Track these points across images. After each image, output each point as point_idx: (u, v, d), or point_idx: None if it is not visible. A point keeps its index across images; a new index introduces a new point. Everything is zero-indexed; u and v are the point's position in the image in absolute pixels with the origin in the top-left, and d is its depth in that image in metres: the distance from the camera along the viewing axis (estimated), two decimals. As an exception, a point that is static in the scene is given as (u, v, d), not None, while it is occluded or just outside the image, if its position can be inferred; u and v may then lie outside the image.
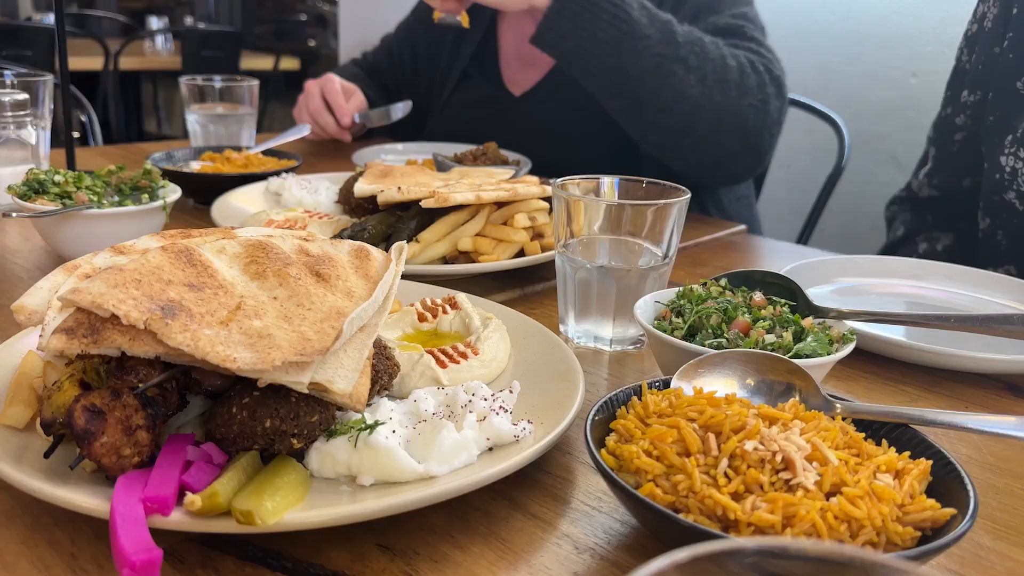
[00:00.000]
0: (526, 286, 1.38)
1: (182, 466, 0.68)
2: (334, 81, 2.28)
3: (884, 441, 0.77)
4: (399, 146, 2.27)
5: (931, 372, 1.13)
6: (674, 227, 1.12)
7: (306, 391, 0.73)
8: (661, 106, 1.80)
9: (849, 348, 0.91)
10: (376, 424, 0.76)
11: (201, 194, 1.68)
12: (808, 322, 0.95)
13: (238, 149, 1.91)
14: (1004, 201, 1.47)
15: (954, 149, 1.70)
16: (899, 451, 0.74)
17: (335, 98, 2.24)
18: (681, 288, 1.04)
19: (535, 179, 1.48)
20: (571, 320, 1.18)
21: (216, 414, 0.75)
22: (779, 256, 1.69)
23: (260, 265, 0.83)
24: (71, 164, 1.52)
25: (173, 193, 1.37)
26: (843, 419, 0.79)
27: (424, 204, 1.28)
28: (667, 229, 1.11)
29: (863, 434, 0.75)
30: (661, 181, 1.17)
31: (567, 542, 0.73)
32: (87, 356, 0.75)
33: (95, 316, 0.71)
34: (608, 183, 1.20)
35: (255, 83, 2.13)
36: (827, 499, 0.66)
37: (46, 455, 0.70)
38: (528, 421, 0.83)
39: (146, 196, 1.33)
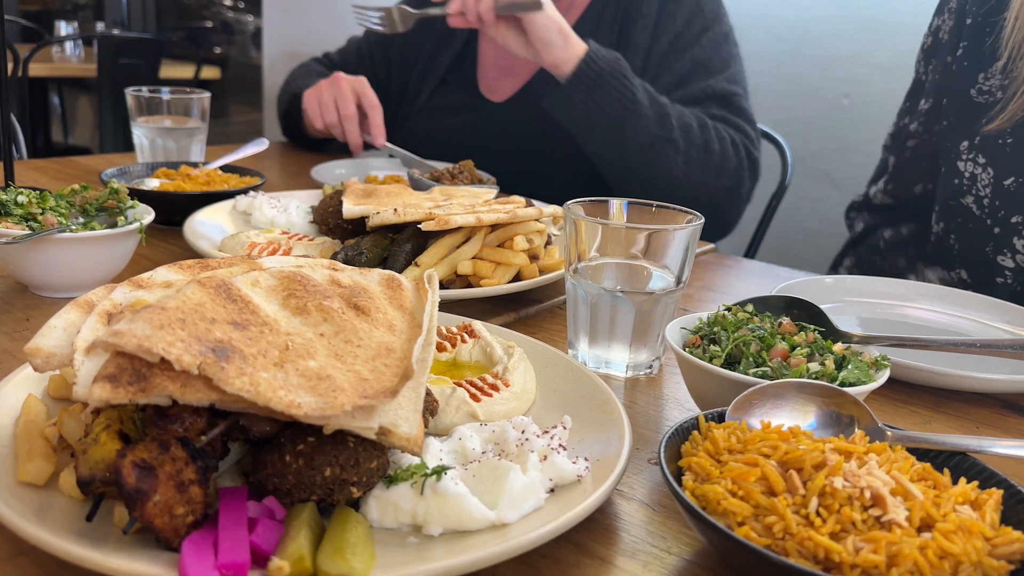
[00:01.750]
0: (520, 309, 1.35)
1: (247, 525, 0.62)
2: (368, 88, 2.12)
3: (946, 470, 0.77)
4: (359, 161, 2.20)
5: (934, 392, 1.15)
6: (688, 251, 1.11)
7: (374, 437, 0.68)
8: (648, 178, 1.95)
9: (886, 374, 0.92)
10: (442, 469, 0.71)
11: (163, 213, 1.58)
12: (839, 348, 0.95)
13: (195, 165, 1.81)
14: (961, 205, 1.52)
15: (906, 155, 1.75)
16: (966, 481, 0.74)
17: (375, 115, 2.09)
18: (710, 314, 1.03)
19: (521, 199, 1.45)
20: (582, 345, 1.15)
21: (265, 463, 0.69)
22: (753, 275, 1.71)
23: (299, 299, 0.78)
24: (9, 181, 1.40)
25: (147, 214, 1.28)
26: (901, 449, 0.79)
27: (424, 227, 1.24)
28: (681, 253, 1.10)
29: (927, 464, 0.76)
30: (671, 205, 1.16)
31: (648, 587, 0.70)
32: (121, 404, 0.68)
33: (139, 361, 0.64)
34: (617, 205, 1.18)
35: (206, 95, 2.03)
36: (918, 534, 0.65)
37: (89, 518, 0.63)
38: (584, 459, 0.80)
39: (122, 218, 1.24)
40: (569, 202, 1.15)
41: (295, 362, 0.69)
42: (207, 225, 1.50)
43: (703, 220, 1.11)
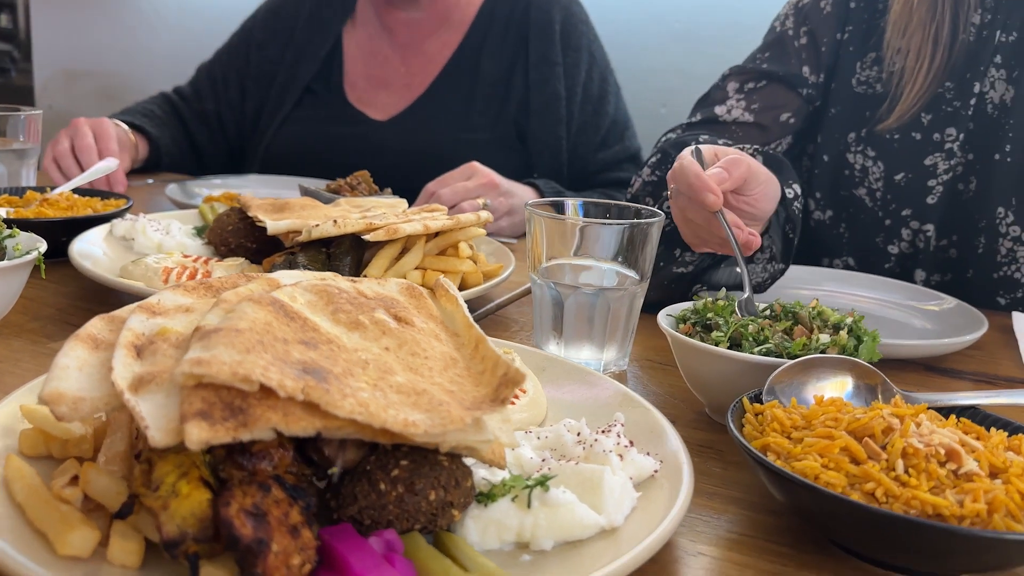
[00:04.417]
0: (461, 319, 1.31)
1: (392, 573, 0.55)
2: (110, 135, 1.99)
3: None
4: (216, 179, 2.04)
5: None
6: (651, 246, 1.12)
7: (486, 451, 0.62)
8: None
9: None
10: (546, 478, 0.67)
11: (25, 244, 1.37)
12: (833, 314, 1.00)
13: (41, 190, 1.59)
14: (853, 196, 1.64)
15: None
16: (996, 430, 0.80)
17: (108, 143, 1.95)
18: (696, 303, 1.05)
19: (444, 207, 1.41)
20: (551, 346, 1.14)
21: (355, 496, 0.61)
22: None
23: (348, 314, 0.70)
24: None
25: (39, 242, 1.11)
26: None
27: (373, 237, 1.16)
28: (646, 249, 1.12)
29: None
30: (626, 203, 1.18)
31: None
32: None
33: (228, 392, 0.55)
34: (572, 206, 1.17)
35: (37, 113, 1.79)
36: (992, 481, 0.70)
37: (193, 584, 0.53)
38: (647, 453, 0.78)
39: (19, 247, 1.06)
40: (529, 202, 1.13)
41: (385, 379, 0.62)
42: (89, 253, 1.31)
43: (663, 216, 1.13)
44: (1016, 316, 1.44)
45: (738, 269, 1.33)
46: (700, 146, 1.18)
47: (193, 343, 0.58)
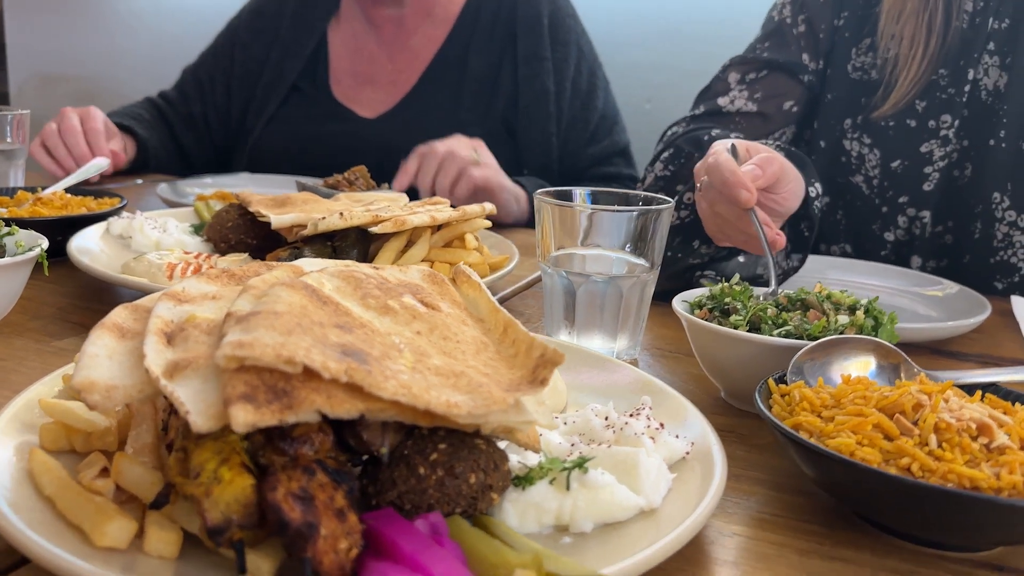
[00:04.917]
0: (467, 312, 1.30)
1: (443, 553, 0.54)
2: (97, 118, 1.98)
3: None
4: (207, 179, 2.02)
5: (871, 347, 1.25)
6: (662, 234, 1.12)
7: (523, 433, 0.62)
8: None
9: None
10: (584, 460, 0.66)
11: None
12: (843, 296, 1.00)
13: (32, 189, 1.56)
14: (850, 183, 1.65)
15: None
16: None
17: (95, 136, 1.93)
18: (710, 289, 1.04)
19: (445, 200, 1.40)
20: (562, 336, 1.13)
21: (394, 481, 0.60)
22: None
23: (376, 299, 0.69)
24: None
25: (40, 239, 1.08)
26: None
27: (380, 229, 1.15)
28: (656, 237, 1.11)
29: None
30: (632, 191, 1.17)
31: (806, 554, 0.69)
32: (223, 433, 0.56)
33: (270, 375, 0.54)
34: (580, 195, 1.17)
35: (25, 113, 1.76)
36: None
37: (242, 570, 0.51)
38: (676, 435, 0.78)
39: (21, 244, 1.04)
40: (538, 192, 1.12)
41: (423, 361, 0.61)
42: (87, 251, 1.29)
43: (672, 203, 1.13)
44: (1015, 300, 1.45)
45: (758, 270, 1.34)
46: (735, 142, 1.17)
47: (230, 327, 0.57)
